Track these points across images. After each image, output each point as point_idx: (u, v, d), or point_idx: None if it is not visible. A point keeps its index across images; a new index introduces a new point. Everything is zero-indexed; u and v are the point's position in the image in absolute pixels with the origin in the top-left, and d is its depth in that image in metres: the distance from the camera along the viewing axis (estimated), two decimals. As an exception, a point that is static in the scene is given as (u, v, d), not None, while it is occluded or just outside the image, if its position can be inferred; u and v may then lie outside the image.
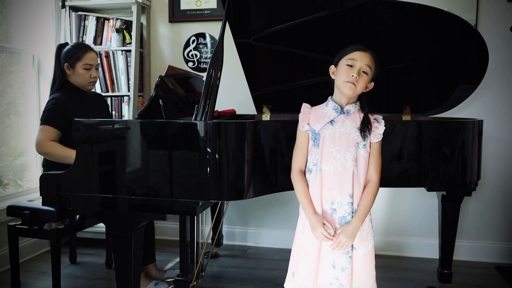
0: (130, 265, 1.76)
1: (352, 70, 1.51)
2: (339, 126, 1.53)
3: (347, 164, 1.51)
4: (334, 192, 1.51)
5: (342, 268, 1.52)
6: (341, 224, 1.51)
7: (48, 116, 2.18)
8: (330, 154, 1.52)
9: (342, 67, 1.54)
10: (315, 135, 1.55)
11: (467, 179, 2.05)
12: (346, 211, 1.52)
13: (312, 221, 1.52)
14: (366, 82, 1.53)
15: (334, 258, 1.52)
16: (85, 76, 2.29)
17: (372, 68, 1.54)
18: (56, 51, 2.34)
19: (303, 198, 1.56)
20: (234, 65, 2.59)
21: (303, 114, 1.60)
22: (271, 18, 2.09)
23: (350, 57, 1.53)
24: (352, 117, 1.55)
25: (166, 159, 1.65)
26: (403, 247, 2.93)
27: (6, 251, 2.34)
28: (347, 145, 1.51)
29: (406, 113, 2.29)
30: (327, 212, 1.53)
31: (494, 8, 2.69)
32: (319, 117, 1.57)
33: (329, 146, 1.52)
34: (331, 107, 1.57)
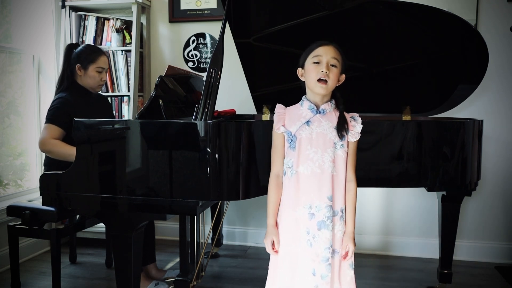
0: (130, 265, 1.76)
1: (320, 66, 1.48)
2: (316, 126, 1.49)
3: (324, 165, 1.47)
4: (312, 195, 1.47)
5: (321, 276, 1.46)
6: (320, 229, 1.46)
7: (53, 115, 2.18)
8: (307, 156, 1.47)
9: (309, 66, 1.51)
10: (292, 137, 1.51)
11: (467, 179, 2.05)
12: (325, 215, 1.46)
13: (268, 230, 1.53)
14: (337, 75, 1.49)
15: (314, 266, 1.46)
16: (96, 79, 2.31)
17: (339, 60, 1.50)
18: (66, 50, 2.35)
19: (271, 206, 1.54)
20: (234, 65, 2.59)
21: (277, 116, 1.54)
22: (271, 18, 2.09)
23: (314, 54, 1.50)
24: (328, 116, 1.51)
25: (166, 159, 1.65)
26: (403, 247, 2.93)
27: (6, 251, 2.34)
28: (324, 146, 1.48)
29: (406, 113, 2.29)
30: (304, 218, 1.47)
31: (494, 8, 2.69)
32: (295, 118, 1.51)
33: (306, 148, 1.48)
34: (307, 107, 1.52)
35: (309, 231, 1.47)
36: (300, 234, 1.48)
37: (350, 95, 2.38)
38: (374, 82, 2.27)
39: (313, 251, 1.46)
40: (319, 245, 1.46)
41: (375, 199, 2.95)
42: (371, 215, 2.96)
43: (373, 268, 2.72)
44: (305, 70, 1.54)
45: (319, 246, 1.46)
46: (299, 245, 1.49)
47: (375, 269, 2.70)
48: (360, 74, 2.25)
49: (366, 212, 2.96)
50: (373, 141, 1.92)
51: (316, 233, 1.46)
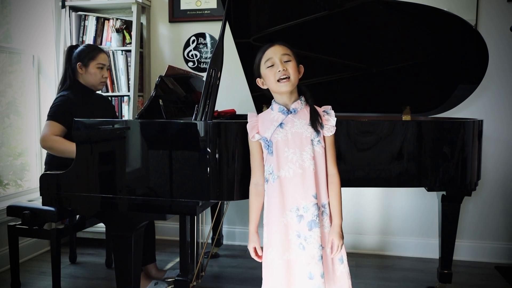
0: (130, 265, 1.76)
1: (275, 67, 1.48)
2: (290, 127, 1.48)
3: (305, 164, 1.46)
4: (298, 196, 1.46)
5: (321, 275, 1.45)
6: (311, 229, 1.45)
7: (54, 112, 2.19)
8: (287, 158, 1.47)
9: (265, 72, 1.51)
10: (268, 143, 1.49)
11: (467, 179, 2.05)
12: (313, 214, 1.45)
13: (250, 237, 1.55)
14: (294, 68, 1.49)
15: (310, 269, 1.45)
16: (98, 76, 2.33)
17: (290, 53, 1.50)
18: (66, 51, 2.39)
19: (252, 213, 1.55)
20: (234, 65, 2.59)
21: (250, 124, 1.53)
22: (271, 18, 2.09)
23: (265, 59, 1.50)
24: (301, 114, 1.50)
25: (166, 159, 1.65)
26: (403, 247, 2.93)
27: (6, 251, 2.34)
28: (302, 144, 1.47)
29: (406, 113, 2.29)
30: (293, 222, 1.46)
31: (494, 8, 2.69)
32: (267, 123, 1.51)
33: (284, 150, 1.47)
34: (277, 110, 1.51)
35: (299, 234, 1.46)
36: (290, 240, 1.47)
37: (350, 95, 2.39)
38: (374, 82, 2.27)
39: (307, 253, 1.45)
40: (312, 245, 1.45)
41: (375, 199, 2.95)
42: (371, 215, 2.96)
43: (373, 268, 2.72)
44: (263, 78, 1.54)
45: (313, 247, 1.45)
46: (291, 252, 1.47)
47: (375, 269, 2.70)
48: (360, 74, 2.25)
49: (366, 212, 2.96)
50: (373, 141, 1.91)
51: (307, 234, 1.46)
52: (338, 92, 2.30)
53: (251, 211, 1.56)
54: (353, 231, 2.99)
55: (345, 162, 1.85)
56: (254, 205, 1.55)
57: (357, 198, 2.94)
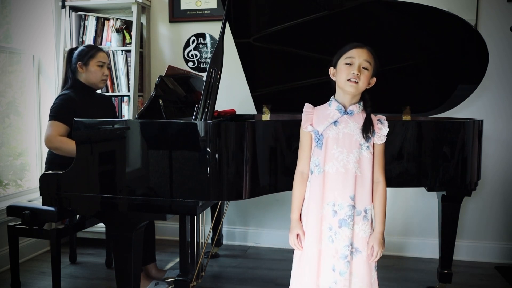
0: (130, 265, 1.76)
1: (352, 67, 1.50)
2: (343, 127, 1.52)
3: (349, 165, 1.49)
4: (336, 193, 1.50)
5: (340, 273, 1.50)
6: (340, 227, 1.49)
7: (57, 111, 2.20)
8: (333, 156, 1.50)
9: (341, 66, 1.53)
10: (319, 136, 1.53)
11: (467, 179, 2.05)
12: (346, 214, 1.49)
13: (293, 225, 1.57)
14: (367, 77, 1.52)
15: (334, 262, 1.50)
16: (98, 74, 2.34)
17: (371, 63, 1.52)
18: (67, 54, 2.41)
19: (295, 201, 1.58)
20: (234, 65, 2.59)
21: (306, 115, 1.57)
22: (271, 18, 2.09)
23: (348, 56, 1.52)
24: (356, 117, 1.54)
25: (166, 159, 1.65)
26: (403, 247, 2.93)
27: (6, 251, 2.34)
28: (350, 146, 1.50)
29: (406, 113, 2.29)
30: (328, 215, 1.51)
31: (494, 8, 2.69)
32: (322, 118, 1.54)
33: (332, 147, 1.51)
34: (334, 107, 1.55)
35: (331, 228, 1.51)
36: (323, 231, 1.52)
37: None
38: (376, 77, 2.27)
39: (334, 247, 1.50)
40: (339, 242, 1.49)
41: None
42: (371, 215, 2.96)
43: (373, 268, 2.71)
44: (337, 70, 1.56)
45: (339, 243, 1.49)
46: (322, 242, 1.52)
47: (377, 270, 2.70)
48: (360, 74, 2.25)
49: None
50: (373, 141, 1.91)
51: (337, 230, 1.50)
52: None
53: (295, 199, 1.59)
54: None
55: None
56: (298, 193, 1.58)
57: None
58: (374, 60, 1.54)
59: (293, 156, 1.80)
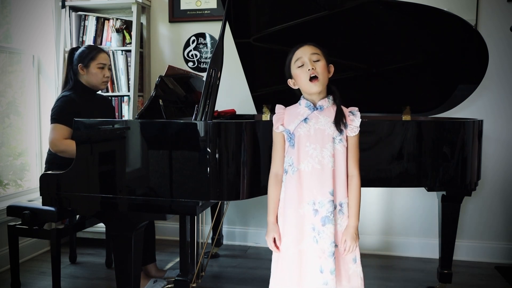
0: (130, 265, 1.76)
1: (305, 66, 1.50)
2: (314, 123, 1.51)
3: (324, 161, 1.48)
4: (315, 191, 1.48)
5: (330, 272, 1.47)
6: (324, 224, 1.48)
7: (59, 114, 2.19)
8: (307, 153, 1.49)
9: (295, 72, 1.53)
10: (290, 135, 1.53)
11: (467, 179, 2.05)
12: (328, 210, 1.48)
13: (269, 228, 1.56)
14: (324, 67, 1.52)
15: (321, 262, 1.48)
16: (99, 76, 2.34)
17: (319, 53, 1.52)
18: (68, 54, 2.41)
19: (271, 203, 1.57)
20: (234, 65, 2.59)
21: (276, 115, 1.57)
22: (271, 18, 2.09)
23: (295, 59, 1.53)
24: (326, 112, 1.52)
25: (166, 159, 1.65)
26: (403, 247, 2.93)
27: (6, 251, 2.34)
28: (323, 141, 1.49)
29: (406, 113, 2.29)
30: (309, 214, 1.49)
31: (494, 8, 2.69)
32: (293, 117, 1.54)
33: (305, 145, 1.50)
34: (304, 105, 1.54)
35: (314, 228, 1.49)
36: (305, 231, 1.50)
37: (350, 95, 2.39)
38: (374, 82, 2.27)
39: (319, 247, 1.48)
40: (325, 240, 1.48)
41: (375, 199, 2.95)
42: (371, 215, 2.96)
43: (373, 268, 2.71)
44: (294, 78, 1.56)
45: (325, 242, 1.48)
46: (305, 243, 1.50)
47: (375, 269, 2.70)
48: (360, 74, 2.25)
49: (366, 212, 2.96)
50: (373, 141, 1.92)
51: (321, 229, 1.48)
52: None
53: (270, 201, 1.57)
54: (353, 231, 2.98)
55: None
56: (273, 195, 1.57)
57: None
58: (321, 49, 1.54)
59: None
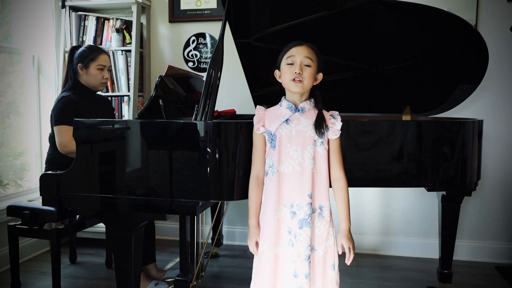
0: (130, 265, 1.76)
1: (294, 67, 1.49)
2: (295, 124, 1.50)
3: (305, 163, 1.47)
4: (293, 193, 1.47)
5: (305, 276, 1.46)
6: (301, 227, 1.46)
7: (63, 115, 2.19)
8: (287, 154, 1.48)
9: (284, 67, 1.52)
10: (271, 136, 1.51)
11: (467, 179, 2.05)
12: (305, 213, 1.46)
13: (251, 231, 1.55)
14: (311, 74, 1.50)
15: (296, 266, 1.46)
16: (98, 77, 2.34)
17: (313, 59, 1.50)
18: (69, 52, 2.40)
19: (252, 206, 1.55)
20: (234, 65, 2.59)
21: (257, 117, 1.55)
22: (271, 18, 2.09)
23: (288, 55, 1.51)
24: (308, 114, 1.52)
25: (166, 159, 1.65)
26: (403, 247, 2.93)
27: (6, 251, 2.34)
28: (304, 143, 1.48)
29: (406, 113, 2.29)
30: (286, 217, 1.48)
31: (494, 8, 2.69)
32: (274, 118, 1.53)
33: (286, 146, 1.48)
34: (285, 106, 1.53)
35: (290, 231, 1.47)
36: (281, 235, 1.48)
37: (350, 95, 2.39)
38: (374, 82, 2.27)
39: (295, 251, 1.46)
40: (301, 244, 1.46)
41: (375, 199, 2.95)
42: (371, 215, 2.96)
43: (373, 268, 2.72)
44: (281, 71, 1.55)
45: (301, 245, 1.46)
46: (280, 246, 1.48)
47: (375, 269, 2.70)
48: (360, 74, 2.25)
49: (366, 212, 2.96)
50: (373, 141, 1.91)
51: (297, 232, 1.47)
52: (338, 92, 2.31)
53: (251, 204, 1.55)
54: (353, 231, 2.93)
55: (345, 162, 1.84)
56: (255, 197, 1.55)
57: (357, 198, 2.94)
58: (317, 55, 1.52)
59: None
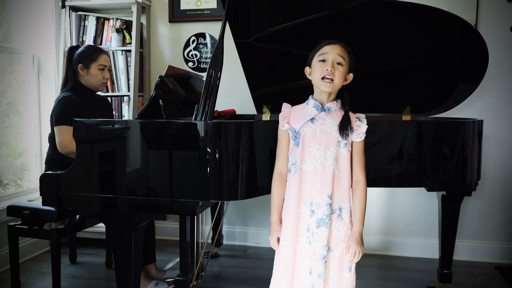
0: (130, 265, 1.76)
1: (326, 64, 1.48)
2: (320, 124, 1.50)
3: (327, 163, 1.47)
4: (314, 192, 1.47)
5: (318, 275, 1.47)
6: (318, 227, 1.47)
7: (63, 116, 2.19)
8: (310, 153, 1.48)
9: (315, 64, 1.51)
10: (295, 134, 1.51)
11: (467, 179, 2.05)
12: (324, 213, 1.46)
13: (272, 227, 1.56)
14: (343, 73, 1.50)
15: (311, 264, 1.47)
16: (99, 77, 2.34)
17: (345, 58, 1.50)
18: (67, 53, 2.39)
19: (274, 202, 1.56)
20: (234, 65, 2.59)
21: (283, 114, 1.56)
22: (271, 18, 2.09)
23: (321, 52, 1.51)
24: (334, 115, 1.51)
25: (166, 159, 1.65)
26: (403, 247, 2.93)
27: (6, 251, 2.34)
28: (328, 143, 1.48)
29: (406, 113, 2.29)
30: (305, 215, 1.48)
31: (494, 8, 2.69)
32: (300, 116, 1.53)
33: (309, 145, 1.48)
34: (312, 105, 1.53)
35: (309, 228, 1.48)
36: (300, 232, 1.49)
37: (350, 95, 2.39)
38: (374, 82, 2.27)
39: (311, 248, 1.48)
40: (317, 242, 1.47)
41: (375, 199, 2.95)
42: (371, 215, 2.96)
43: (373, 268, 2.72)
44: (311, 68, 1.54)
45: (317, 244, 1.47)
46: (298, 243, 1.50)
47: (376, 269, 2.70)
48: (360, 74, 2.25)
49: (366, 212, 2.93)
50: (373, 141, 1.91)
51: (314, 230, 1.47)
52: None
53: (274, 200, 1.56)
54: (353, 231, 2.99)
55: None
56: (277, 194, 1.56)
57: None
58: (349, 55, 1.52)
59: (293, 156, 1.80)
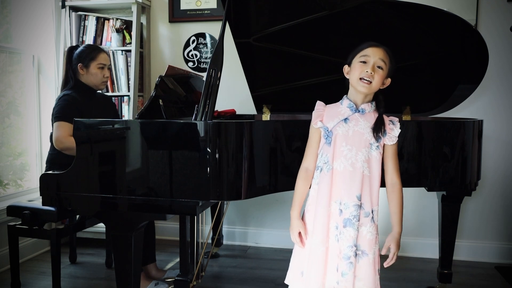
0: (130, 265, 1.76)
1: (366, 66, 1.48)
2: (353, 124, 1.50)
3: (357, 164, 1.48)
4: (342, 192, 1.48)
5: (342, 273, 1.48)
6: (345, 226, 1.48)
7: (62, 112, 2.19)
8: (341, 153, 1.49)
9: (355, 64, 1.51)
10: (328, 133, 1.51)
11: (467, 179, 2.05)
12: (351, 214, 1.47)
13: (293, 223, 1.56)
14: (382, 77, 1.50)
15: (338, 261, 1.49)
16: (99, 76, 2.35)
17: (386, 63, 1.50)
18: (67, 52, 2.40)
19: (297, 197, 1.57)
20: (234, 65, 2.59)
21: (316, 111, 1.56)
22: (271, 18, 2.09)
23: (363, 54, 1.50)
24: (367, 116, 1.52)
25: (166, 159, 1.65)
26: (403, 247, 2.93)
27: (6, 251, 2.34)
28: (359, 145, 1.48)
29: (406, 113, 2.29)
30: (335, 213, 1.49)
31: (494, 8, 2.69)
32: (333, 115, 1.53)
33: (341, 145, 1.49)
34: (346, 105, 1.53)
35: (337, 226, 1.49)
36: (330, 229, 1.51)
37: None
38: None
39: (338, 246, 1.49)
40: (343, 242, 1.48)
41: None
42: (371, 215, 2.96)
43: (373, 268, 2.71)
44: (351, 68, 1.54)
45: (343, 243, 1.48)
46: (329, 241, 1.51)
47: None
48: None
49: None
50: (373, 141, 1.91)
51: (342, 229, 1.48)
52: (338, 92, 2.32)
53: (297, 194, 1.57)
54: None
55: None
56: (301, 189, 1.57)
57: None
58: (390, 60, 1.52)
59: (293, 156, 1.81)
